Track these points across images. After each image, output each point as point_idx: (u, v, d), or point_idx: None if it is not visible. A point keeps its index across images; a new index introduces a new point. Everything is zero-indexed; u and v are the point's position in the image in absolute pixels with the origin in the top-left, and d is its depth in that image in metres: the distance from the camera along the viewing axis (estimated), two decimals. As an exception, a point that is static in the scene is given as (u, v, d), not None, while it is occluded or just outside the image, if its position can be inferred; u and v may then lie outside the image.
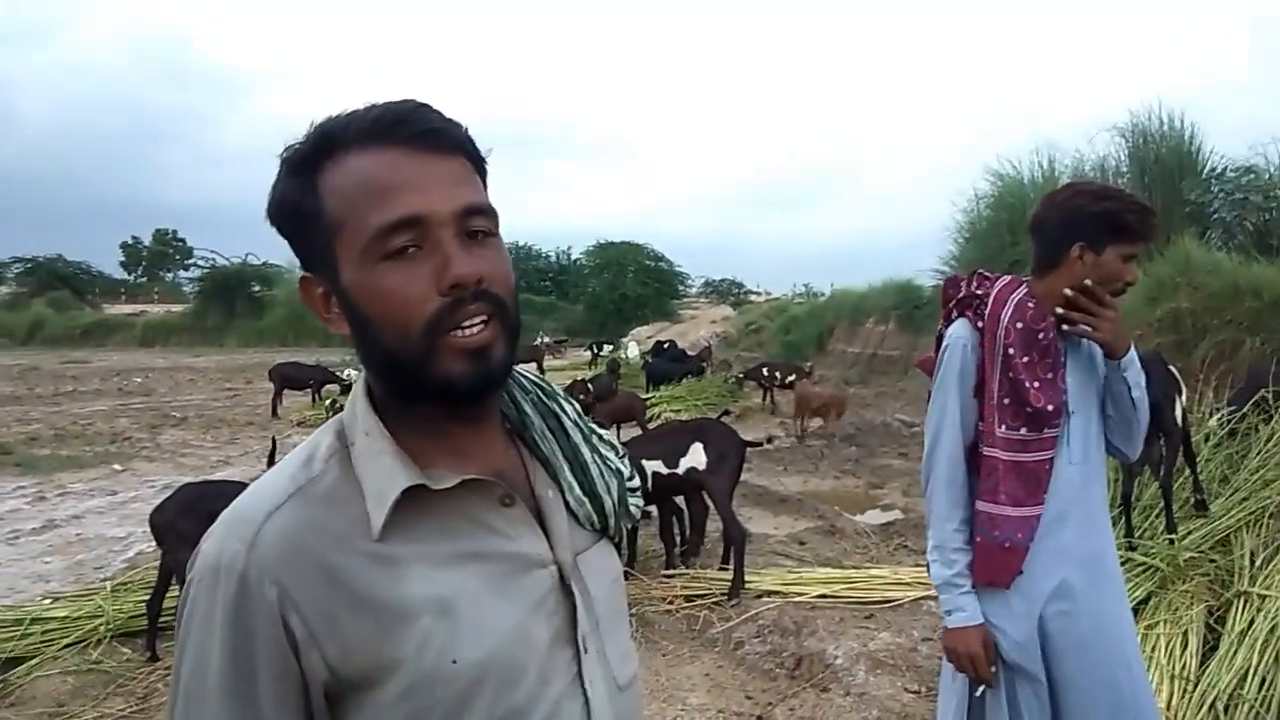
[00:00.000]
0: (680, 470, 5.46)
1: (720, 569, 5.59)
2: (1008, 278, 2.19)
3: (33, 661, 4.50)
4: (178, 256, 61.59)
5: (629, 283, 40.62)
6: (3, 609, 5.08)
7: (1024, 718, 2.11)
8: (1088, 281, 2.05)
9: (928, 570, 2.26)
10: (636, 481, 1.09)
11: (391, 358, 0.86)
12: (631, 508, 1.06)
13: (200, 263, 48.16)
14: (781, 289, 43.14)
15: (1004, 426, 2.08)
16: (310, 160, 0.87)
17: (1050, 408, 2.05)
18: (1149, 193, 12.60)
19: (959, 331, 2.18)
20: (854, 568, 5.67)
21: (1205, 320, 9.35)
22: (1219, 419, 5.96)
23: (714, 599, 5.11)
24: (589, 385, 11.83)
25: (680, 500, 6.06)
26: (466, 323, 0.84)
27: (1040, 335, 2.07)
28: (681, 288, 45.31)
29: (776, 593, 5.14)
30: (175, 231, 62.89)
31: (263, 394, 16.73)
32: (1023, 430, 2.07)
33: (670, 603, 5.12)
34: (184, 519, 4.41)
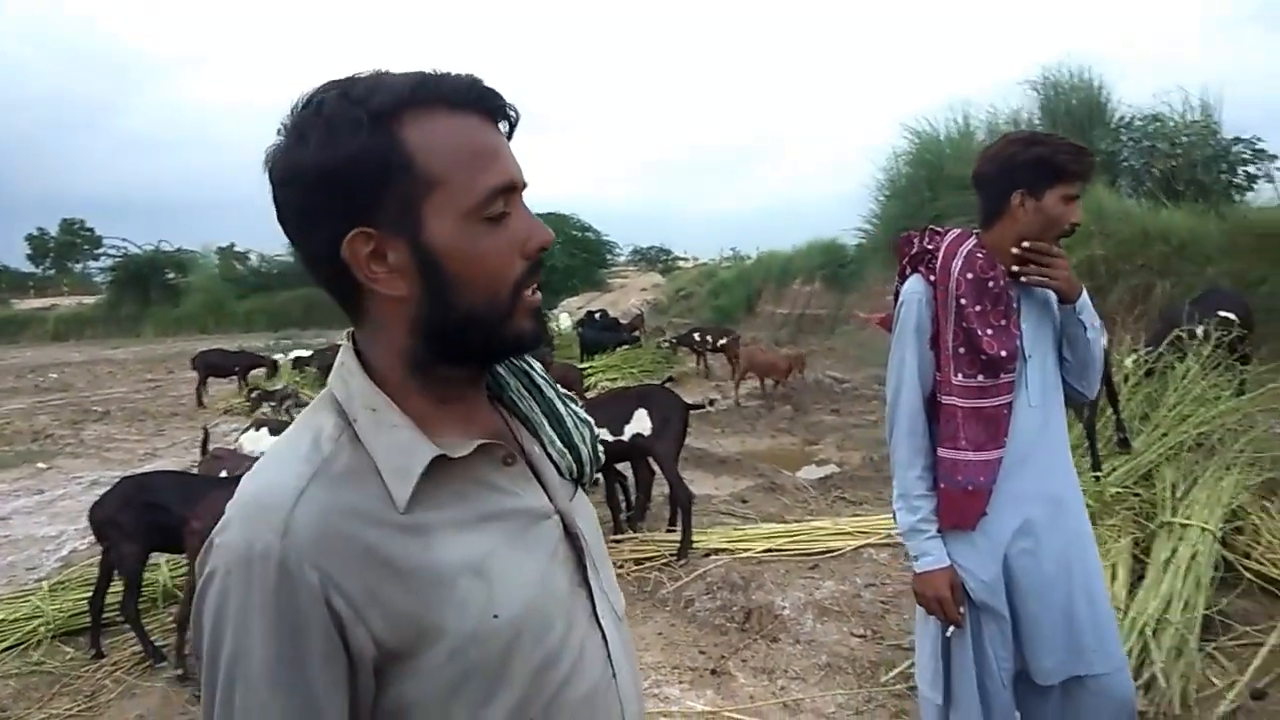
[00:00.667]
0: (625, 437, 5.50)
1: (667, 531, 5.69)
2: (957, 231, 2.24)
3: (-29, 667, 4.39)
4: (86, 246, 59.21)
5: (556, 254, 40.13)
6: (-65, 615, 4.93)
7: (988, 654, 2.19)
8: (1026, 243, 2.10)
9: (894, 518, 2.32)
10: (598, 430, 1.16)
11: (471, 317, 0.89)
12: (600, 454, 1.11)
13: (111, 252, 46.43)
14: (709, 254, 43.35)
15: (960, 375, 2.13)
16: (384, 114, 0.84)
17: (1004, 354, 2.10)
18: (1061, 144, 12.97)
19: (913, 287, 2.22)
20: (796, 521, 5.83)
21: (1118, 266, 9.70)
22: (1135, 360, 6.20)
23: (663, 560, 5.20)
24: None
25: (624, 465, 6.10)
26: (533, 285, 0.92)
27: (990, 284, 2.12)
28: (610, 256, 45.02)
29: (723, 550, 5.25)
30: (83, 221, 60.50)
31: (185, 384, 16.29)
32: (980, 377, 2.12)
33: (620, 566, 5.18)
34: (124, 513, 4.34)
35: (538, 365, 1.09)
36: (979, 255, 2.14)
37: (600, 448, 1.11)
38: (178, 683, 4.12)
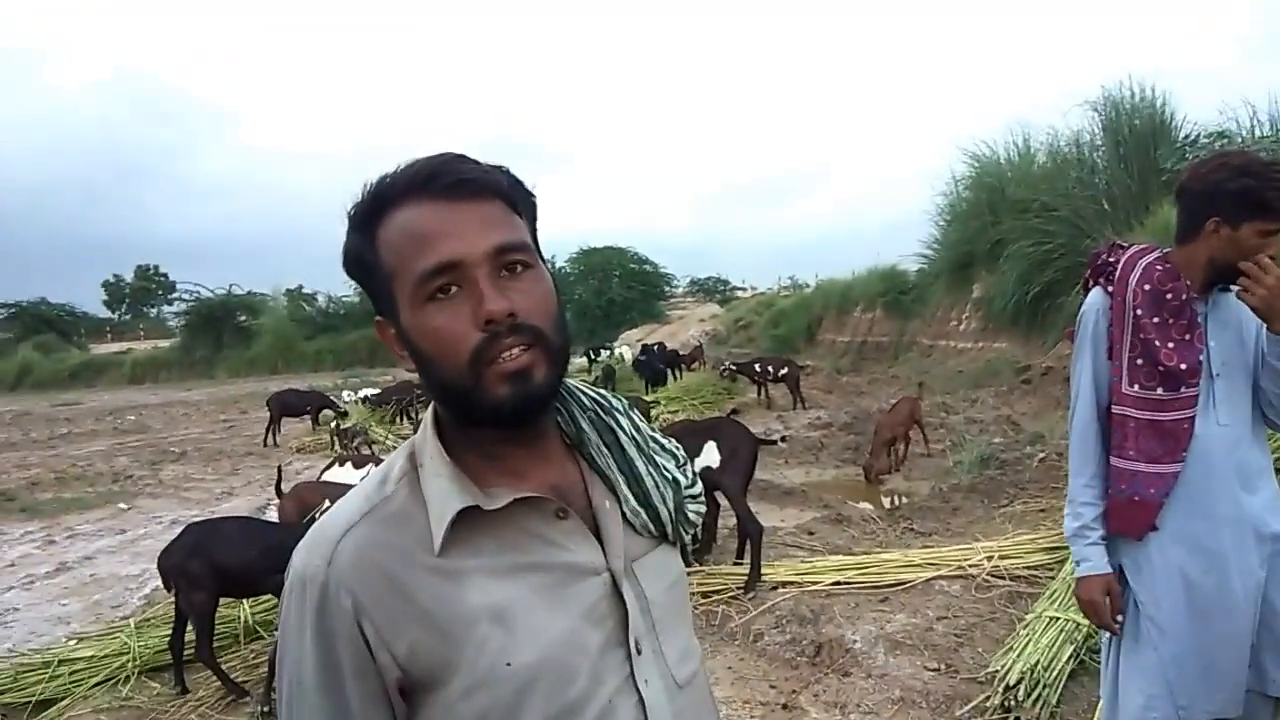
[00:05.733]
0: (695, 469, 5.52)
1: (734, 564, 5.68)
2: (1141, 245, 2.26)
3: (64, 702, 4.55)
4: (160, 291, 61.40)
5: (615, 287, 40.70)
6: (29, 652, 5.13)
7: (1153, 670, 2.18)
8: (1256, 258, 2.02)
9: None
10: (698, 488, 1.15)
11: (447, 388, 0.94)
12: (690, 514, 1.11)
13: (184, 296, 47.99)
14: (767, 283, 43.15)
15: (1137, 386, 2.15)
16: (368, 217, 0.96)
17: (1184, 367, 2.10)
18: (1125, 163, 12.75)
19: (1093, 299, 2.27)
20: (864, 553, 5.76)
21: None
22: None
23: (730, 593, 5.18)
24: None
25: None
26: (505, 354, 0.91)
27: (1169, 296, 2.12)
28: (667, 288, 45.37)
29: (791, 583, 5.22)
30: (157, 267, 62.72)
31: (259, 423, 16.70)
32: (1159, 390, 2.13)
33: (688, 600, 5.17)
34: (192, 562, 4.43)
35: (628, 421, 1.10)
36: (1158, 268, 2.15)
37: (694, 508, 1.12)
38: (261, 717, 4.22)
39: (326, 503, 5.27)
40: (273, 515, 8.02)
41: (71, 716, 4.43)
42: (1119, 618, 2.22)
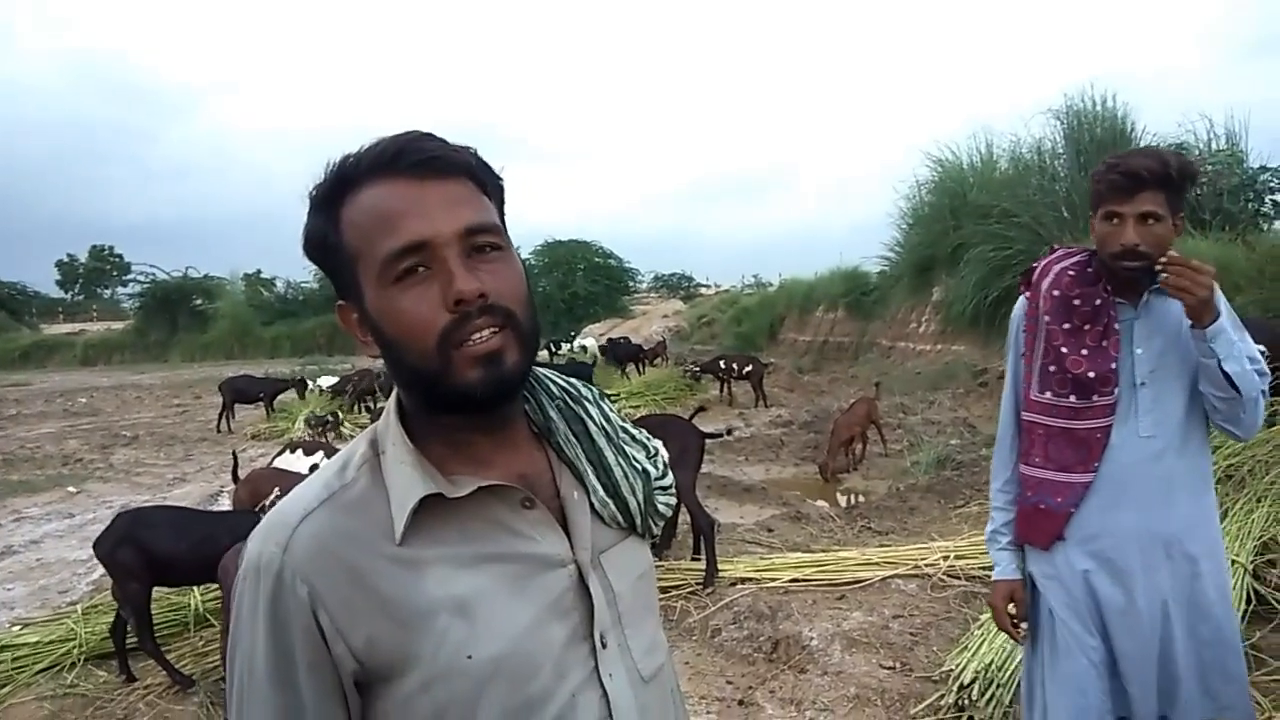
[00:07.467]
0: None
1: (693, 559, 5.68)
2: (1068, 249, 2.22)
3: (6, 689, 4.44)
4: (115, 273, 60.23)
5: (579, 281, 40.50)
6: (-29, 638, 5.00)
7: (1076, 678, 2.14)
8: (1169, 254, 1.92)
9: None
10: (669, 480, 1.12)
11: (414, 372, 0.91)
12: (661, 506, 1.08)
13: (139, 278, 46.75)
14: (731, 281, 43.34)
15: (1049, 393, 2.11)
16: (331, 197, 0.93)
17: (1092, 375, 2.03)
18: (1085, 172, 12.93)
19: (1018, 304, 2.25)
20: (822, 551, 5.80)
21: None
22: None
23: (689, 589, 5.19)
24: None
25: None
26: (475, 335, 0.88)
27: (1077, 303, 2.07)
28: (632, 284, 45.21)
29: (749, 579, 5.23)
30: (112, 247, 61.57)
31: (213, 409, 16.38)
32: (1071, 398, 2.07)
33: (646, 595, 5.17)
34: (122, 550, 4.33)
35: (598, 410, 1.08)
36: (1070, 274, 2.11)
37: (664, 499, 1.09)
38: (210, 707, 4.16)
39: (277, 491, 5.18)
40: (226, 502, 7.93)
41: (14, 704, 4.32)
42: (1023, 625, 2.22)
